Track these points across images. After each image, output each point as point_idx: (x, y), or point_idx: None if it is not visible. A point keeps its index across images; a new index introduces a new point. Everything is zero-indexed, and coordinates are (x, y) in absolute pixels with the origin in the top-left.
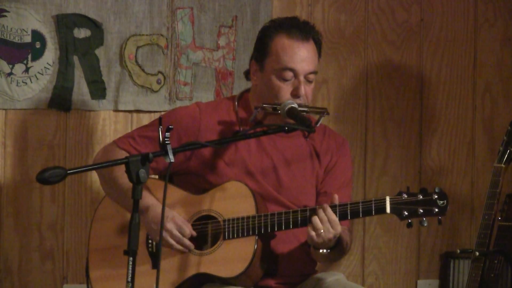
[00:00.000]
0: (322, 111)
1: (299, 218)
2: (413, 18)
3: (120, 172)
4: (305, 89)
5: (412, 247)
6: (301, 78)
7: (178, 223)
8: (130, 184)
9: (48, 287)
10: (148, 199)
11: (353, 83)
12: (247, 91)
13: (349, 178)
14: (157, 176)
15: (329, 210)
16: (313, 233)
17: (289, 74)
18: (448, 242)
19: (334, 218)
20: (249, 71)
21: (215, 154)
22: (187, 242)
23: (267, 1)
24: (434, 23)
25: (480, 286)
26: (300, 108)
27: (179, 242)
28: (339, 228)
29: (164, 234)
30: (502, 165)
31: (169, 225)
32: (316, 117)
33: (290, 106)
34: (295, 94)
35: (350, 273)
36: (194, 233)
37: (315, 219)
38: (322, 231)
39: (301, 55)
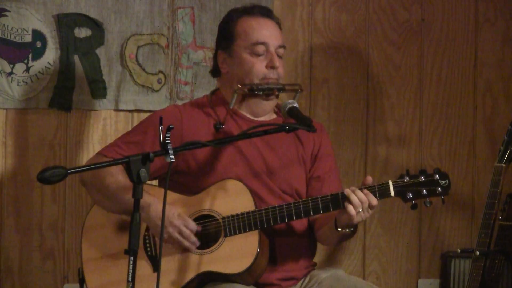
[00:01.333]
0: (297, 87)
1: (302, 209)
2: (414, 17)
3: (113, 179)
4: (278, 62)
5: (413, 247)
6: (273, 50)
7: (185, 218)
8: (125, 189)
9: (49, 287)
10: (148, 198)
11: (354, 83)
12: (216, 90)
13: (334, 160)
14: (156, 183)
15: (371, 195)
16: (353, 212)
17: (261, 48)
18: (448, 242)
19: (376, 202)
20: (215, 68)
21: (200, 151)
22: (194, 238)
23: (268, 1)
24: (435, 22)
25: (480, 286)
26: (276, 87)
27: (187, 238)
28: (375, 209)
29: (172, 230)
30: (503, 165)
31: (177, 221)
32: (292, 95)
33: (290, 105)
34: (270, 65)
35: (351, 272)
36: (199, 228)
37: (355, 199)
38: (360, 209)
39: (268, 30)
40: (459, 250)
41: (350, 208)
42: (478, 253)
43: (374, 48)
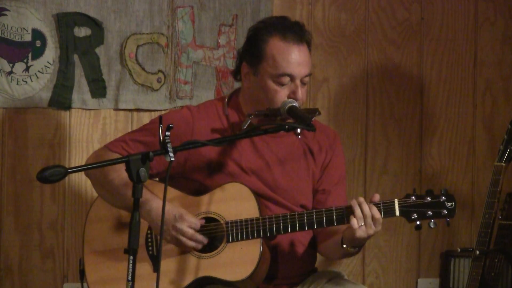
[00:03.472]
0: (314, 112)
1: (306, 221)
2: (414, 16)
3: (116, 174)
4: (301, 92)
5: (413, 246)
6: (298, 82)
7: (186, 219)
8: (127, 185)
9: (49, 286)
10: (149, 197)
11: (353, 82)
12: (236, 93)
13: (344, 173)
14: (157, 179)
15: (375, 209)
16: (355, 225)
17: (286, 79)
18: (448, 241)
19: (379, 216)
20: (237, 71)
21: (210, 157)
22: (200, 236)
23: (267, 0)
24: (435, 21)
25: (480, 285)
26: None
27: (192, 238)
28: (380, 226)
29: (175, 233)
30: (503, 164)
31: (179, 224)
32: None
33: (290, 105)
34: (292, 97)
35: (350, 271)
36: (203, 221)
37: (358, 212)
38: (363, 224)
39: (298, 59)
40: (459, 249)
41: (353, 221)
42: (477, 252)
43: (374, 47)
